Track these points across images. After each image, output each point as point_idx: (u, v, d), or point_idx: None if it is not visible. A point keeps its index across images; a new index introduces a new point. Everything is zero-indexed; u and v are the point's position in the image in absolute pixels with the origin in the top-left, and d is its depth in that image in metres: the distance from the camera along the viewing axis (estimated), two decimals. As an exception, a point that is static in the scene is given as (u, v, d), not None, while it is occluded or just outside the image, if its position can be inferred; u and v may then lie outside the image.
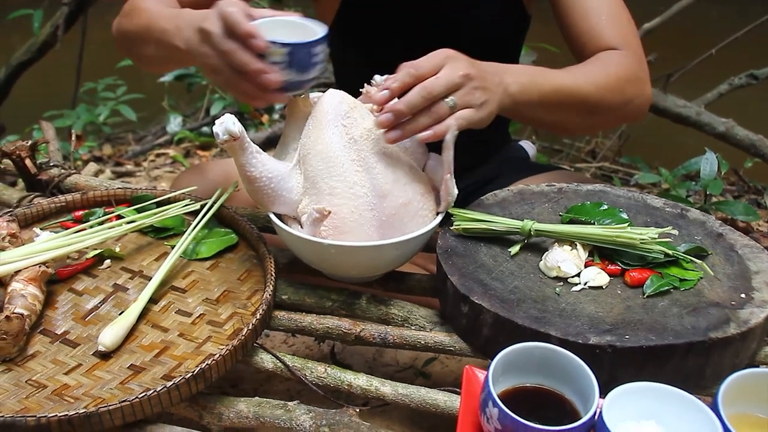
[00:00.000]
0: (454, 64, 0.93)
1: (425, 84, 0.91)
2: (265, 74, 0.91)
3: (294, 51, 0.92)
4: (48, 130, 1.44)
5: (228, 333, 0.95)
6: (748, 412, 0.74)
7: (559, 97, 1.05)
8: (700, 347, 0.81)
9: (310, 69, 0.95)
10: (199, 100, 2.88)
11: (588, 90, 1.08)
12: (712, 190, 1.71)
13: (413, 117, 0.93)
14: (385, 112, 0.93)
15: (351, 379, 0.90)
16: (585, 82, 1.08)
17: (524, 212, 1.06)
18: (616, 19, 1.16)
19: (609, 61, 1.13)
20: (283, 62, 0.92)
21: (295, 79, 0.95)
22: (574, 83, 1.07)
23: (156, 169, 2.49)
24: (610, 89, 1.10)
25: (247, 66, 0.91)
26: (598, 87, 1.08)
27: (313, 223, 0.94)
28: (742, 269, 0.94)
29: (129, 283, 1.05)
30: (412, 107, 0.92)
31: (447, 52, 0.95)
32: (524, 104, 1.02)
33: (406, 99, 0.92)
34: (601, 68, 1.11)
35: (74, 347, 0.94)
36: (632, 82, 1.13)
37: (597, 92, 1.08)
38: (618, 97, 1.11)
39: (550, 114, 1.09)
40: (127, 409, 0.81)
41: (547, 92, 1.04)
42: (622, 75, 1.11)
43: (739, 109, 2.54)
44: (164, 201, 1.18)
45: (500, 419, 0.70)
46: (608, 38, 1.15)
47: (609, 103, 1.10)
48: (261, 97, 0.95)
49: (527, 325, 0.84)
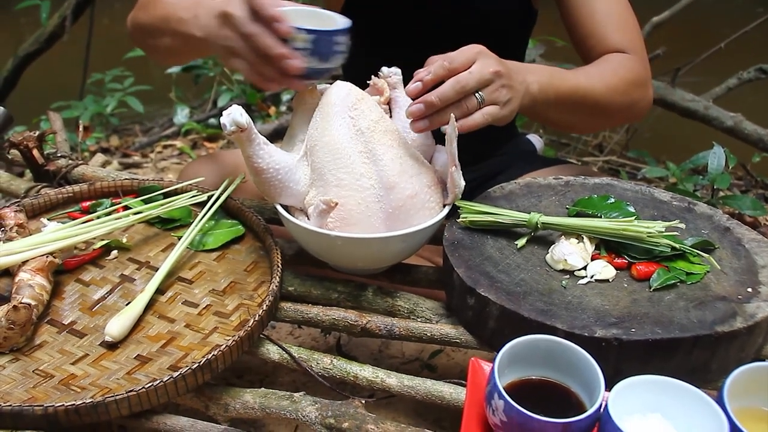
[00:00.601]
0: (485, 60, 0.95)
1: (459, 78, 0.93)
2: (288, 59, 0.91)
3: (318, 39, 0.93)
4: (55, 120, 1.44)
5: (234, 324, 0.95)
6: (754, 406, 0.74)
7: (573, 99, 1.08)
8: (706, 341, 0.81)
9: (331, 58, 0.96)
10: (207, 92, 2.88)
11: (599, 92, 1.11)
12: (719, 185, 1.71)
13: (442, 109, 0.94)
14: (417, 102, 0.94)
15: (357, 371, 0.91)
16: (597, 84, 1.10)
17: (531, 205, 1.06)
18: (623, 23, 1.19)
19: (618, 63, 1.15)
20: (306, 49, 0.93)
21: (317, 66, 0.95)
22: (588, 85, 1.09)
23: (163, 160, 2.49)
24: (619, 92, 1.13)
25: (271, 49, 0.91)
26: (609, 89, 1.11)
27: (319, 215, 0.94)
28: (749, 263, 0.93)
29: (136, 274, 1.05)
30: (445, 100, 0.93)
31: (478, 47, 0.97)
32: (542, 104, 1.05)
33: (439, 91, 0.93)
34: (610, 71, 1.14)
35: (81, 337, 0.94)
36: (638, 85, 1.16)
37: (607, 94, 1.11)
38: (625, 99, 1.15)
39: (563, 114, 1.12)
40: (134, 399, 0.82)
41: (563, 93, 1.06)
42: (629, 78, 1.14)
43: (747, 103, 2.53)
44: (171, 192, 1.18)
45: (506, 411, 0.70)
46: (615, 41, 1.18)
47: (617, 105, 1.14)
48: (281, 82, 0.96)
49: (533, 317, 0.84)
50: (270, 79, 0.95)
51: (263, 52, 0.91)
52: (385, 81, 1.05)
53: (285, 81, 0.95)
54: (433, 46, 1.28)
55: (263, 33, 0.91)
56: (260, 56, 0.92)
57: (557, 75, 1.08)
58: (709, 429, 0.68)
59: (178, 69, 2.59)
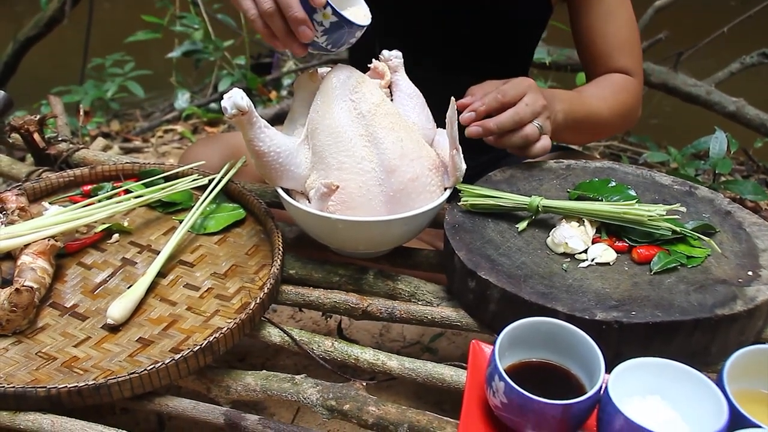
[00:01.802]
0: (535, 94, 1.05)
1: (517, 110, 1.03)
2: (303, 26, 0.90)
3: (339, 23, 0.92)
4: (56, 104, 1.44)
5: (236, 307, 0.96)
6: (753, 388, 0.74)
7: (584, 123, 1.18)
8: (706, 324, 0.81)
9: (339, 45, 0.96)
10: (207, 77, 2.87)
11: (605, 116, 1.21)
12: (721, 169, 1.71)
13: (506, 135, 1.03)
14: (476, 125, 1.03)
15: (358, 353, 0.91)
16: (604, 109, 1.21)
17: (532, 188, 1.06)
18: (630, 46, 1.27)
19: (621, 87, 1.26)
20: (321, 25, 0.92)
21: (322, 45, 0.95)
22: (597, 110, 1.20)
23: (164, 145, 2.49)
24: (620, 115, 1.25)
25: (290, 9, 0.89)
26: (611, 113, 1.22)
27: (320, 198, 0.94)
28: (749, 247, 0.93)
29: (137, 257, 1.05)
30: (502, 128, 1.02)
31: (528, 81, 1.06)
32: (562, 130, 1.13)
33: (498, 120, 1.02)
34: (614, 95, 1.24)
35: (83, 320, 0.95)
36: (634, 108, 1.29)
37: (609, 117, 1.22)
38: (621, 121, 1.28)
39: (572, 135, 1.23)
40: (136, 381, 0.82)
41: (579, 119, 1.16)
42: (629, 103, 1.26)
43: (750, 88, 2.52)
44: (172, 176, 1.18)
45: (506, 393, 0.71)
46: (621, 63, 1.27)
47: (613, 125, 1.27)
48: (283, 41, 0.94)
49: (534, 300, 0.84)
50: (273, 33, 0.94)
51: (283, 5, 0.90)
52: (386, 64, 1.05)
53: (288, 42, 0.94)
54: (442, 34, 1.28)
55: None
56: (276, 8, 0.91)
57: (576, 102, 1.16)
58: (709, 411, 0.68)
59: (178, 53, 2.58)
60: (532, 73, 2.41)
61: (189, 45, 2.58)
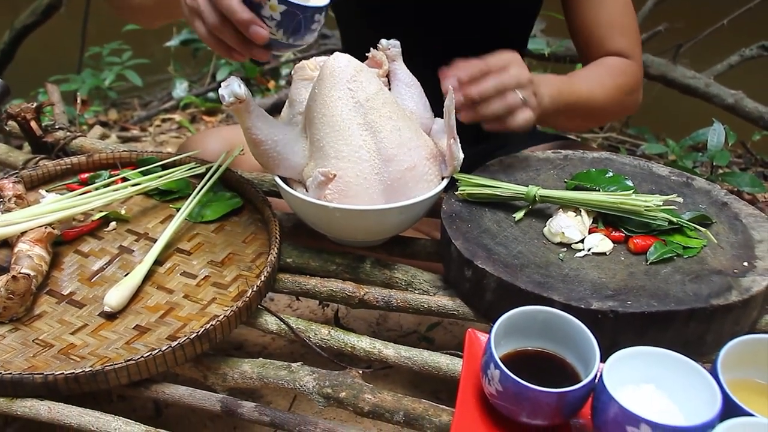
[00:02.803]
0: (520, 67, 1.01)
1: (501, 77, 0.99)
2: (254, 25, 0.84)
3: (289, 11, 0.86)
4: (53, 92, 1.43)
5: (232, 295, 0.96)
6: (747, 378, 0.74)
7: (576, 108, 1.13)
8: (701, 314, 0.81)
9: (303, 35, 0.90)
10: (205, 66, 2.86)
11: (599, 101, 1.16)
12: (718, 161, 1.71)
13: (487, 102, 0.99)
14: (457, 92, 0.99)
15: (354, 342, 0.91)
16: (598, 94, 1.16)
17: (529, 178, 1.06)
18: (625, 29, 1.23)
19: (617, 70, 1.21)
20: (275, 20, 0.86)
21: (283, 41, 0.90)
22: (590, 94, 1.15)
23: (162, 134, 2.49)
24: (616, 101, 1.19)
25: (235, 14, 0.83)
26: (607, 98, 1.17)
27: (318, 187, 0.94)
28: (745, 238, 0.94)
29: (134, 245, 1.06)
30: (483, 95, 0.98)
31: (514, 54, 1.02)
32: (550, 115, 1.09)
33: (480, 87, 0.99)
34: (611, 79, 1.19)
35: (80, 308, 0.95)
36: (632, 93, 1.23)
37: (605, 103, 1.17)
38: (618, 107, 1.23)
39: (565, 121, 1.21)
40: (133, 368, 0.82)
41: (568, 104, 1.11)
42: (626, 87, 1.21)
43: (749, 81, 2.52)
44: (169, 164, 1.18)
45: (501, 381, 0.71)
46: (616, 45, 1.22)
47: (611, 111, 1.23)
48: (242, 51, 0.89)
49: (530, 289, 0.84)
50: (229, 46, 0.89)
51: (226, 15, 0.85)
52: (384, 53, 1.05)
53: (246, 49, 0.89)
54: (437, 23, 1.28)
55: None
56: (222, 19, 0.85)
57: (566, 88, 1.12)
58: (703, 400, 0.68)
59: (176, 42, 2.57)
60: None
61: (187, 34, 2.57)
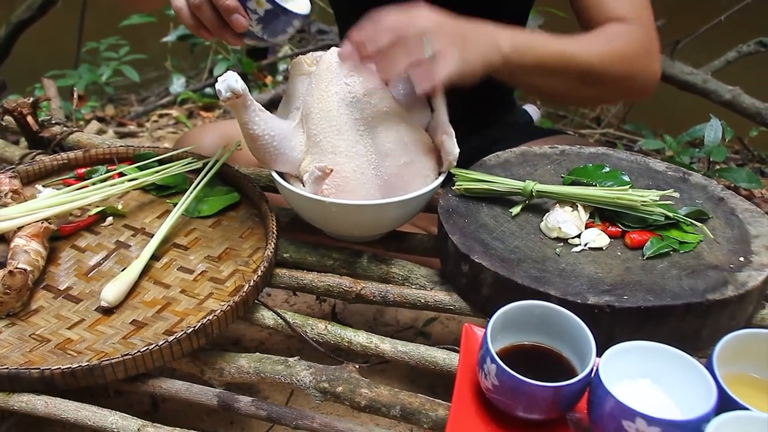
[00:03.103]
0: (426, 14, 0.90)
1: (397, 25, 0.89)
2: (236, 14, 0.89)
3: (274, 11, 0.91)
4: (50, 87, 1.43)
5: (229, 290, 0.96)
6: (743, 372, 0.74)
7: (558, 64, 1.02)
8: (697, 308, 0.82)
9: (277, 35, 0.95)
10: (203, 61, 2.85)
11: (590, 60, 1.04)
12: (715, 157, 1.71)
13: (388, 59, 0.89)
14: (348, 47, 0.91)
15: (351, 336, 0.91)
16: (587, 52, 1.04)
17: (526, 173, 1.06)
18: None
19: (615, 33, 1.09)
20: (257, 14, 0.91)
21: (257, 34, 0.95)
22: (574, 51, 1.03)
23: (159, 129, 2.48)
24: (614, 62, 1.06)
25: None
26: (602, 58, 1.05)
27: (315, 182, 0.94)
28: (742, 233, 0.94)
29: (131, 240, 1.05)
30: (378, 47, 0.89)
31: (420, 4, 0.92)
32: (518, 67, 0.99)
33: (374, 42, 0.89)
34: (605, 40, 1.08)
35: (77, 303, 0.95)
36: (638, 56, 1.09)
37: (599, 63, 1.05)
38: (621, 69, 1.08)
39: (548, 80, 1.05)
40: (129, 363, 0.82)
41: (545, 57, 1.00)
42: (627, 48, 1.08)
43: (746, 76, 2.52)
44: (166, 159, 1.18)
45: (498, 375, 0.71)
46: (618, 10, 1.11)
47: (612, 75, 1.07)
48: (215, 31, 0.93)
49: (527, 284, 0.84)
50: (204, 24, 0.92)
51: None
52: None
53: (219, 31, 0.93)
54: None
55: None
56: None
57: (539, 39, 1.01)
58: (698, 394, 0.68)
59: (173, 37, 2.57)
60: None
61: (184, 29, 2.56)
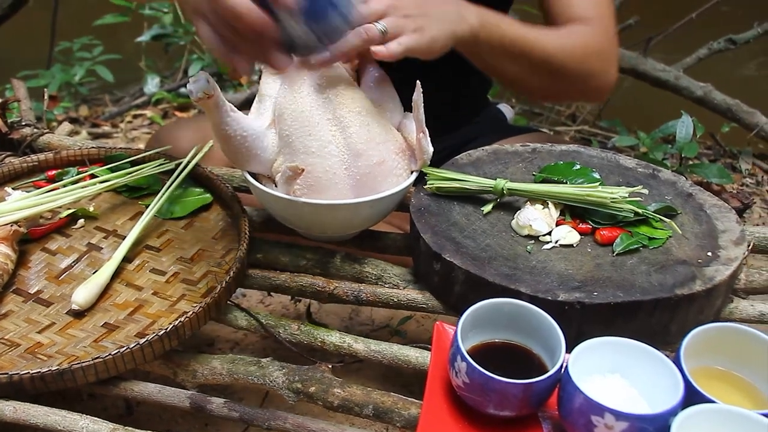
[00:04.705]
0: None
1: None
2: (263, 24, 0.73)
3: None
4: (19, 88, 1.41)
5: (202, 291, 0.95)
6: (710, 365, 0.76)
7: (522, 49, 1.04)
8: (666, 303, 0.83)
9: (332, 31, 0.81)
10: (177, 61, 2.83)
11: (552, 51, 1.07)
12: (687, 153, 1.73)
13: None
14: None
15: (324, 336, 0.91)
16: (549, 43, 1.07)
17: (498, 172, 1.07)
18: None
19: (576, 32, 1.12)
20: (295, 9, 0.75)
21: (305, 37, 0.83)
22: (537, 39, 1.06)
23: (134, 130, 2.46)
24: (574, 57, 1.09)
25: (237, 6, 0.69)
26: (563, 50, 1.08)
27: (287, 182, 0.94)
28: (710, 228, 0.95)
29: (103, 243, 1.05)
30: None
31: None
32: (485, 43, 1.00)
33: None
34: (567, 35, 1.11)
35: (47, 306, 0.94)
36: (597, 56, 1.12)
37: (561, 55, 1.08)
38: (580, 66, 1.11)
39: (512, 64, 1.07)
40: (100, 366, 0.82)
41: (511, 39, 1.02)
42: (587, 47, 1.11)
43: (717, 73, 2.55)
44: (139, 160, 1.17)
45: (468, 373, 0.71)
46: (582, 11, 1.14)
47: (571, 70, 1.10)
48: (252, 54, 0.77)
49: (498, 282, 0.85)
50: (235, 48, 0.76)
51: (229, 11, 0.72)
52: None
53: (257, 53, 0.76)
54: None
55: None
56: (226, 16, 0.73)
57: (506, 20, 1.03)
58: (666, 388, 0.69)
59: (148, 37, 2.55)
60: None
61: (158, 29, 2.54)
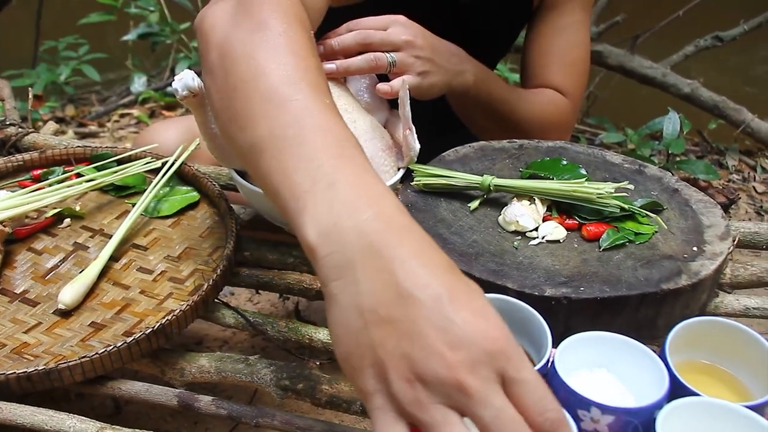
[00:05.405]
0: (400, 28, 0.96)
1: (367, 32, 0.95)
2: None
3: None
4: (3, 88, 1.40)
5: (189, 289, 0.95)
6: (695, 359, 0.76)
7: (501, 111, 1.13)
8: (652, 298, 0.83)
9: None
10: (164, 60, 2.83)
11: (525, 116, 1.17)
12: (674, 149, 1.75)
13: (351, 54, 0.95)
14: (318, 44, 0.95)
15: (312, 333, 0.91)
16: (525, 109, 1.17)
17: (485, 168, 1.07)
18: (571, 66, 1.23)
19: (550, 101, 1.22)
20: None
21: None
22: (516, 104, 1.15)
23: (120, 129, 2.45)
24: (542, 125, 1.20)
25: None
26: (533, 118, 1.18)
27: (273, 180, 0.94)
28: (695, 223, 0.96)
29: (89, 242, 1.04)
30: (343, 47, 0.95)
31: (399, 17, 0.97)
32: (472, 99, 1.06)
33: (341, 38, 0.95)
34: (540, 104, 1.21)
35: (34, 306, 0.93)
36: (561, 127, 1.24)
37: (530, 121, 1.17)
38: (543, 132, 1.20)
39: (485, 120, 1.16)
40: (87, 365, 0.81)
41: (495, 100, 1.10)
42: (554, 117, 1.21)
43: (705, 69, 2.57)
44: (125, 159, 1.17)
45: (455, 368, 0.71)
46: (557, 80, 1.22)
47: (535, 133, 1.18)
48: None
49: (485, 277, 0.85)
50: None
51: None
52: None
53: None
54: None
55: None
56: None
57: (494, 79, 1.10)
58: (652, 381, 0.70)
59: (133, 36, 2.54)
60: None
61: (144, 27, 2.54)
